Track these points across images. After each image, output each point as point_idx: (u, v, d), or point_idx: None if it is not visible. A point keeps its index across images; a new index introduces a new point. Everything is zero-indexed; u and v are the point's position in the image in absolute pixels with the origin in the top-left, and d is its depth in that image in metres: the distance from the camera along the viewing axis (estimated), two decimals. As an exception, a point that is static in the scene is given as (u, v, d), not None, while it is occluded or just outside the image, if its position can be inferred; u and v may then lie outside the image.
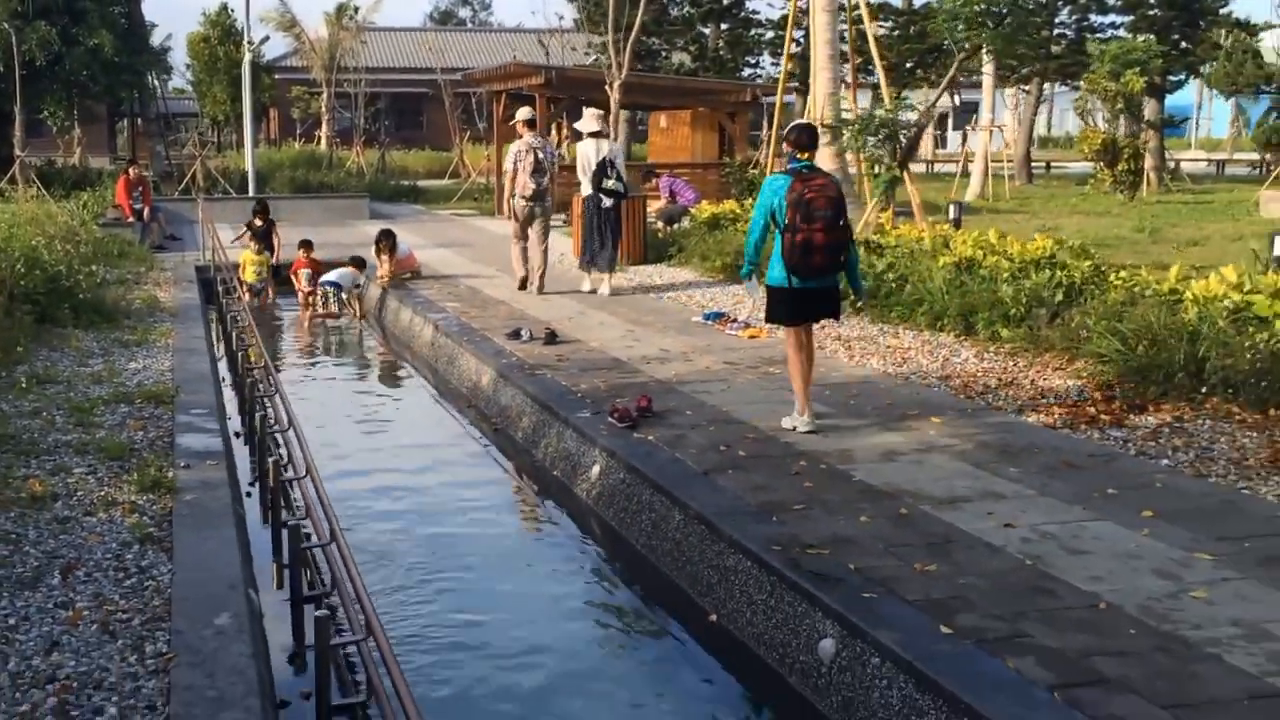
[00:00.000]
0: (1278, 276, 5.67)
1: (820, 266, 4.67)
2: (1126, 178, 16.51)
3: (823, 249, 4.62)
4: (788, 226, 4.65)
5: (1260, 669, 2.79)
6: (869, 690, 2.96)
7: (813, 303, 4.84)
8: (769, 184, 4.85)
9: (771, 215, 4.73)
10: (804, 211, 4.60)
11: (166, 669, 2.68)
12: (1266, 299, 5.46)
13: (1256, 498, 4.06)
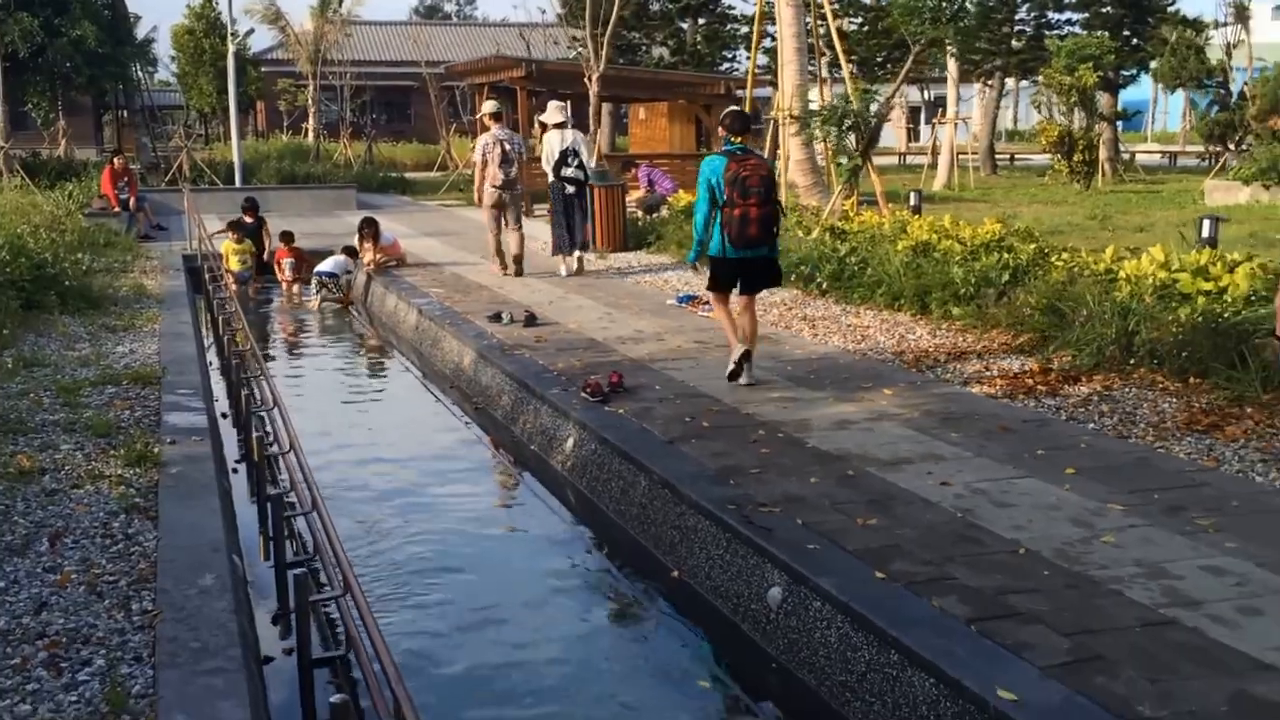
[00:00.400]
0: (1199, 256, 5.95)
1: (755, 237, 5.09)
2: (1082, 168, 16.86)
3: (757, 221, 5.05)
4: (726, 202, 5.07)
5: (1154, 601, 3.05)
6: (810, 632, 3.20)
7: (748, 271, 5.24)
8: (707, 164, 5.23)
9: (711, 194, 5.08)
10: (740, 188, 5.01)
11: (152, 625, 2.83)
12: (1189, 277, 5.74)
13: (1170, 455, 4.33)
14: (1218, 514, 3.70)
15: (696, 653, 3.48)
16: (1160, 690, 2.59)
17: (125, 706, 2.43)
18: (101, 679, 2.56)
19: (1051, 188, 18.09)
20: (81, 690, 2.52)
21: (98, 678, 2.57)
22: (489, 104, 9.26)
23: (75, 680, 2.56)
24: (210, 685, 2.54)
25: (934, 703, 2.72)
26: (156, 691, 2.51)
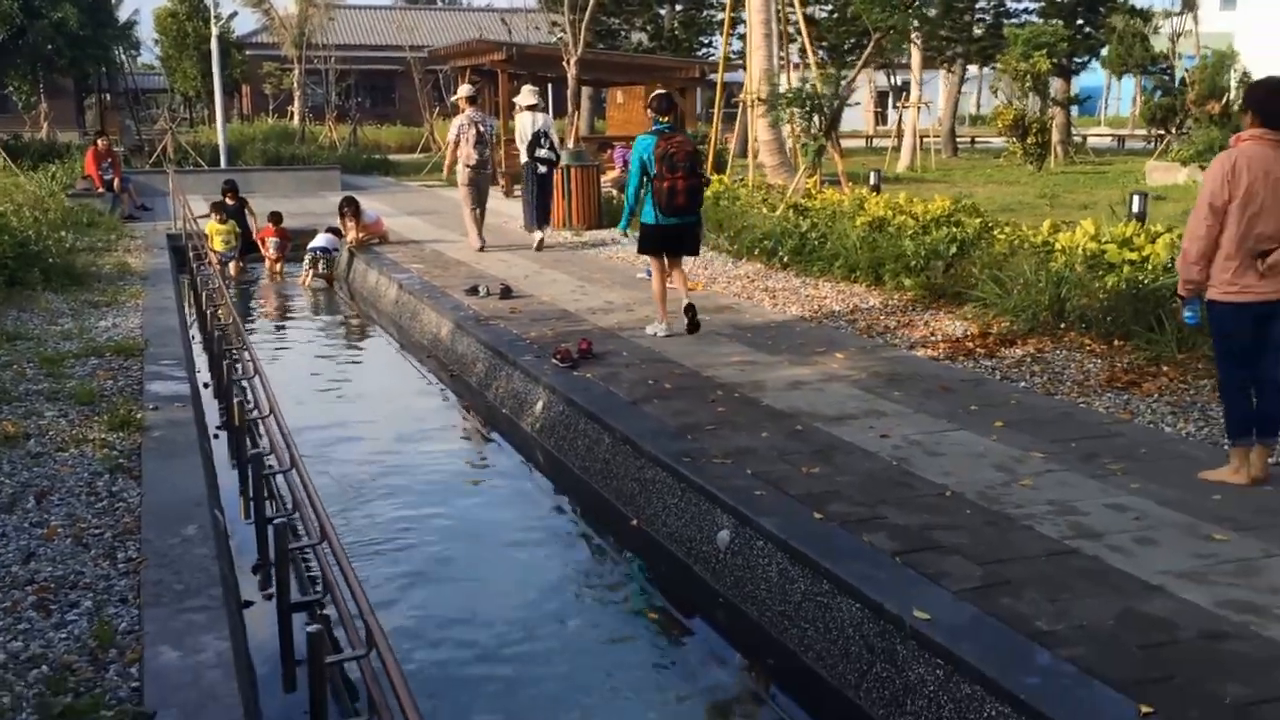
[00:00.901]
0: (1126, 229, 6.15)
1: (682, 206, 5.56)
2: (1035, 150, 17.06)
3: (683, 192, 5.52)
4: (656, 175, 5.53)
5: (1060, 534, 3.25)
6: (754, 568, 3.37)
7: (675, 237, 5.71)
8: (639, 142, 5.70)
9: (643, 168, 5.48)
10: (668, 163, 5.47)
11: (137, 571, 2.93)
12: (1116, 248, 5.93)
13: (1090, 410, 4.54)
14: (1127, 460, 3.91)
15: (653, 593, 3.65)
16: (1058, 609, 2.79)
17: (113, 641, 2.55)
18: (89, 618, 2.67)
19: (1007, 169, 18.30)
20: (70, 629, 2.63)
21: (85, 617, 2.68)
22: (464, 88, 9.53)
23: (64, 620, 2.67)
24: (193, 621, 2.65)
25: (859, 624, 2.90)
26: (142, 628, 2.62)
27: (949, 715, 2.57)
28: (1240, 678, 2.45)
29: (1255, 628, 2.69)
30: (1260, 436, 3.72)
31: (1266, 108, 3.58)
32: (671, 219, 5.56)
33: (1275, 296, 3.59)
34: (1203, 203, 3.61)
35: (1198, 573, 2.99)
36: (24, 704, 2.25)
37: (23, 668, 2.41)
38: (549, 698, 2.96)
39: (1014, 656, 2.56)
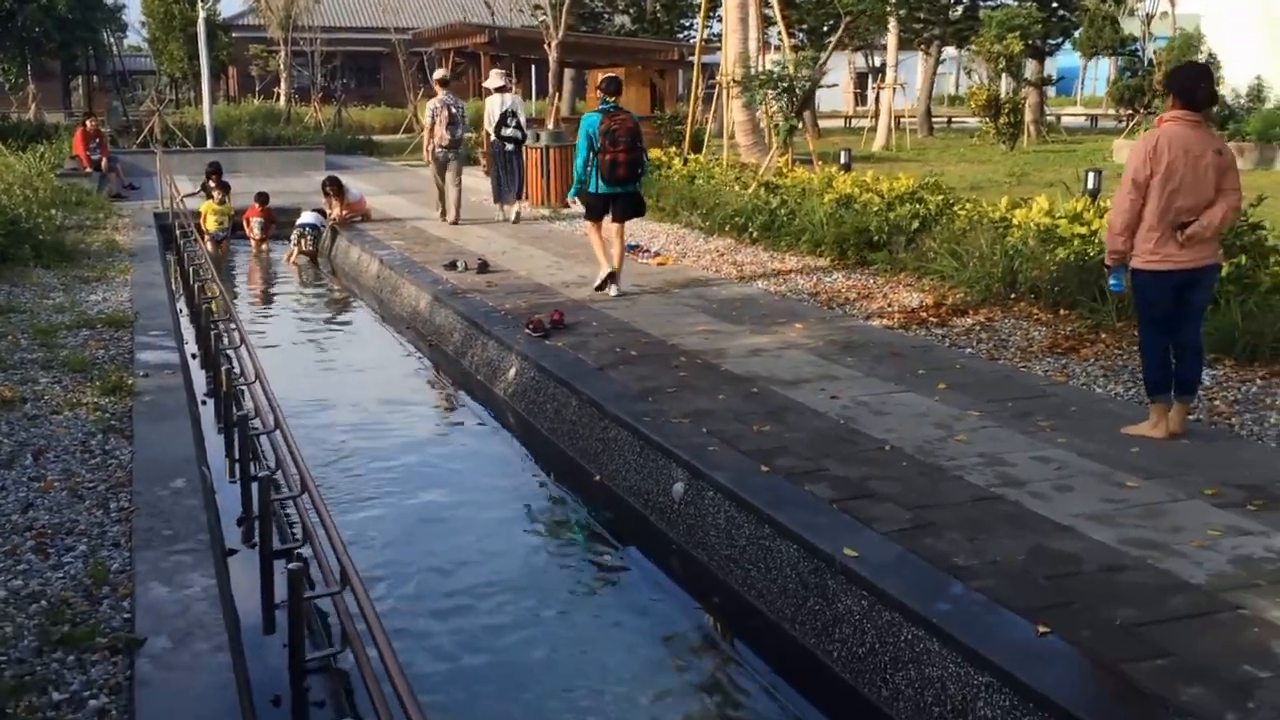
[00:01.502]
0: (1078, 204, 6.34)
1: (622, 177, 6.18)
2: (1007, 130, 17.23)
3: (624, 164, 6.14)
4: (601, 149, 6.13)
5: (987, 483, 3.46)
6: (705, 517, 3.57)
7: (619, 204, 6.30)
8: (585, 120, 6.32)
9: (589, 143, 5.94)
10: (610, 138, 6.10)
11: (129, 519, 3.10)
12: (1068, 222, 6.13)
13: (1029, 373, 4.76)
14: (1058, 418, 4.13)
15: (613, 542, 3.85)
16: (976, 547, 3.00)
17: (106, 579, 2.72)
18: (84, 560, 2.84)
19: (980, 148, 18.47)
20: (66, 569, 2.80)
21: (80, 559, 2.85)
22: (438, 72, 9.97)
23: (61, 562, 2.84)
24: (180, 562, 2.83)
25: (795, 563, 3.11)
26: (133, 568, 2.80)
27: (871, 640, 2.79)
28: (1132, 603, 2.68)
29: (1152, 561, 2.92)
30: (1178, 395, 3.95)
31: (1185, 91, 3.76)
32: (615, 188, 6.17)
33: (1194, 266, 3.81)
34: (1127, 179, 3.80)
35: (1107, 515, 3.22)
36: (25, 633, 2.43)
37: (23, 603, 2.59)
38: (505, 627, 3.16)
39: (930, 588, 2.78)
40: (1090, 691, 2.33)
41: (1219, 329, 4.99)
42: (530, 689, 2.89)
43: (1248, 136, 14.83)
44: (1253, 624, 2.57)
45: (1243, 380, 4.59)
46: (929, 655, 2.62)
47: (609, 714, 2.77)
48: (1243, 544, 3.02)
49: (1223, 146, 3.81)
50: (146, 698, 2.19)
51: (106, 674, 2.29)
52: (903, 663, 2.68)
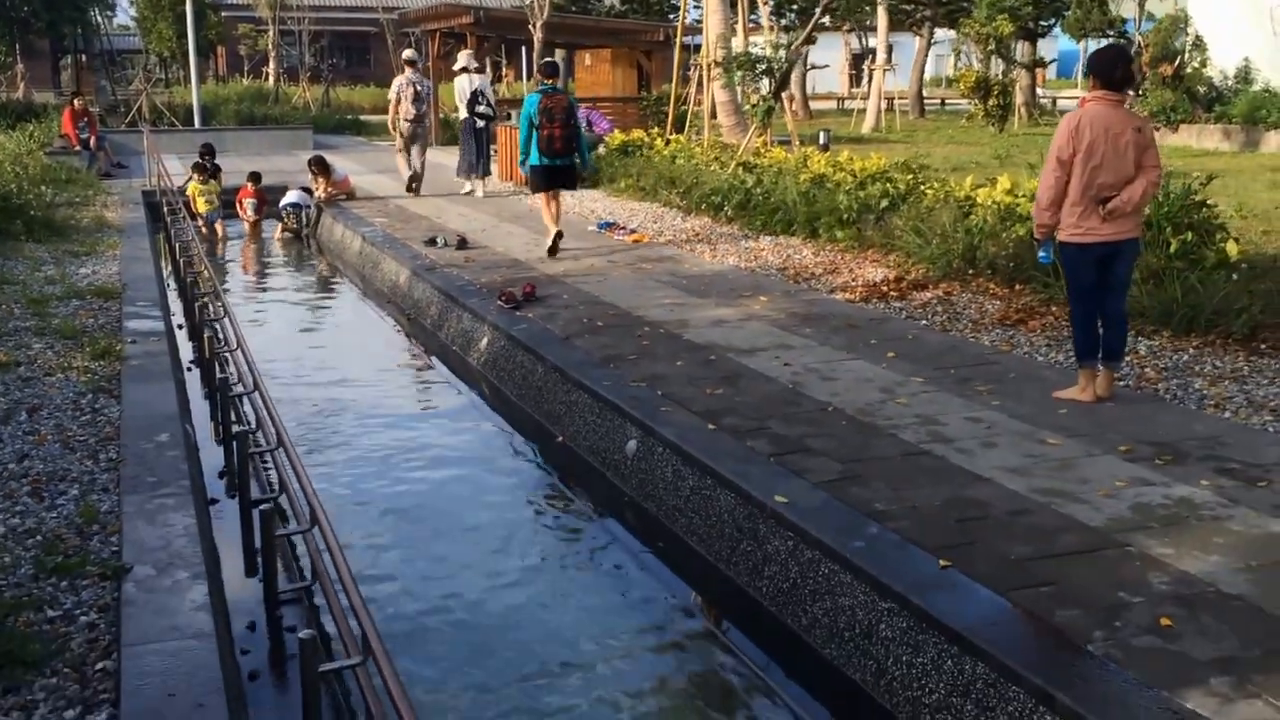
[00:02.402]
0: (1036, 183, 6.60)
1: (559, 150, 6.98)
2: (996, 112, 17.40)
3: (560, 139, 6.94)
4: (539, 126, 6.95)
5: (918, 440, 3.75)
6: (654, 472, 3.87)
7: (556, 175, 7.16)
8: (527, 101, 7.17)
9: (530, 121, 7.00)
10: (548, 116, 6.91)
11: (116, 468, 3.39)
12: (1027, 200, 6.40)
13: (976, 344, 5.04)
14: (996, 383, 4.42)
15: (572, 497, 4.15)
16: (897, 495, 3.30)
17: (96, 518, 3.01)
18: (76, 503, 3.13)
19: (970, 130, 18.64)
20: (60, 510, 3.09)
21: (73, 502, 3.14)
22: (407, 52, 10.65)
23: (55, 504, 3.13)
24: (164, 504, 3.12)
25: (732, 510, 3.41)
26: (120, 509, 3.09)
27: (794, 576, 3.09)
28: (1030, 542, 2.98)
29: (1055, 507, 3.21)
30: (1105, 361, 4.23)
31: (1104, 73, 4.02)
32: (554, 160, 7.02)
33: (1116, 238, 4.08)
34: (1052, 157, 4.06)
35: (1023, 468, 3.51)
36: (22, 562, 2.72)
37: (20, 538, 2.88)
38: (459, 564, 3.47)
39: (849, 529, 3.07)
40: (976, 614, 2.63)
41: (1160, 302, 5.28)
42: (480, 615, 3.19)
43: (1234, 119, 14.96)
44: (1135, 559, 2.87)
45: (1176, 350, 4.88)
46: (842, 587, 2.92)
47: (552, 641, 3.07)
48: (1144, 493, 3.31)
49: (1142, 125, 4.08)
50: (131, 614, 2.48)
51: (96, 596, 2.58)
52: (820, 594, 2.98)
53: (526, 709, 2.76)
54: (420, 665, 2.90)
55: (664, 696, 2.86)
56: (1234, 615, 2.56)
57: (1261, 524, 3.06)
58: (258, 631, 2.99)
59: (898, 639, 2.71)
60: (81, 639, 2.39)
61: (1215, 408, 4.09)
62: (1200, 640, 2.46)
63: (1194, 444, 3.70)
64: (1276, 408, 4.03)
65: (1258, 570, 2.79)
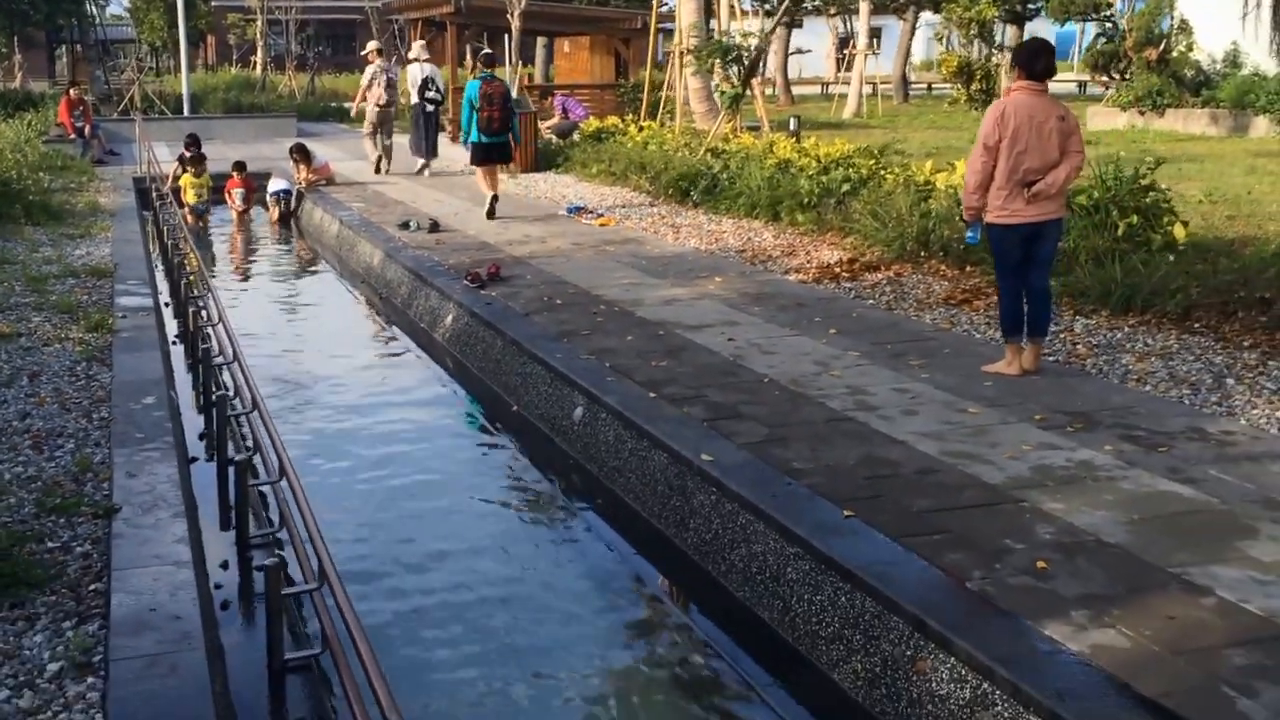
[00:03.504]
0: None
1: (496, 129, 8.24)
2: (979, 96, 17.57)
3: (497, 119, 8.19)
4: (479, 109, 8.16)
5: (843, 407, 4.01)
6: (598, 435, 4.13)
7: (493, 150, 8.40)
8: (469, 86, 8.34)
9: (471, 104, 8.18)
10: (487, 100, 8.15)
11: (108, 426, 3.69)
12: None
13: (918, 321, 5.30)
14: (929, 358, 4.67)
15: (525, 459, 4.42)
16: (815, 455, 3.56)
17: (89, 468, 3.30)
18: (72, 454, 3.43)
19: (953, 115, 18.80)
20: (58, 461, 3.39)
21: (69, 454, 3.44)
22: (372, 43, 11.60)
23: (53, 456, 3.43)
24: (149, 456, 3.41)
25: (664, 468, 3.68)
26: (111, 461, 3.38)
27: (715, 526, 3.36)
28: (930, 496, 3.24)
29: (961, 467, 3.48)
30: (1030, 336, 4.49)
31: (1026, 65, 4.26)
32: (492, 138, 8.25)
33: (1040, 219, 4.33)
34: (979, 143, 4.31)
35: (939, 433, 3.78)
36: (24, 504, 3.04)
37: (23, 483, 3.19)
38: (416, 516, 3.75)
39: (765, 484, 3.34)
40: (870, 556, 2.89)
41: (1101, 282, 5.53)
42: (425, 552, 3.47)
43: (1222, 103, 14.92)
44: (1026, 513, 3.14)
45: (1112, 328, 5.13)
46: (756, 535, 3.19)
47: (488, 576, 3.35)
48: (1048, 456, 3.58)
49: (1065, 113, 4.32)
50: (119, 545, 2.80)
51: (89, 531, 2.89)
52: (737, 543, 3.25)
53: (469, 623, 3.03)
54: (365, 582, 3.19)
55: (591, 633, 3.14)
56: (1107, 560, 2.84)
57: (1152, 484, 3.33)
58: (230, 570, 3.26)
59: (801, 580, 2.98)
60: (77, 565, 2.71)
61: (1137, 382, 4.35)
62: (1070, 580, 2.74)
63: (1107, 414, 3.96)
64: (1195, 382, 4.30)
65: (1139, 523, 3.06)
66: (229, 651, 2.75)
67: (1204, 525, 3.03)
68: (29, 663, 2.29)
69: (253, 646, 2.85)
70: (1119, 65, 17.71)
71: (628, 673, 2.96)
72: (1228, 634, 2.46)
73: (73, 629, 2.41)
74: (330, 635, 2.40)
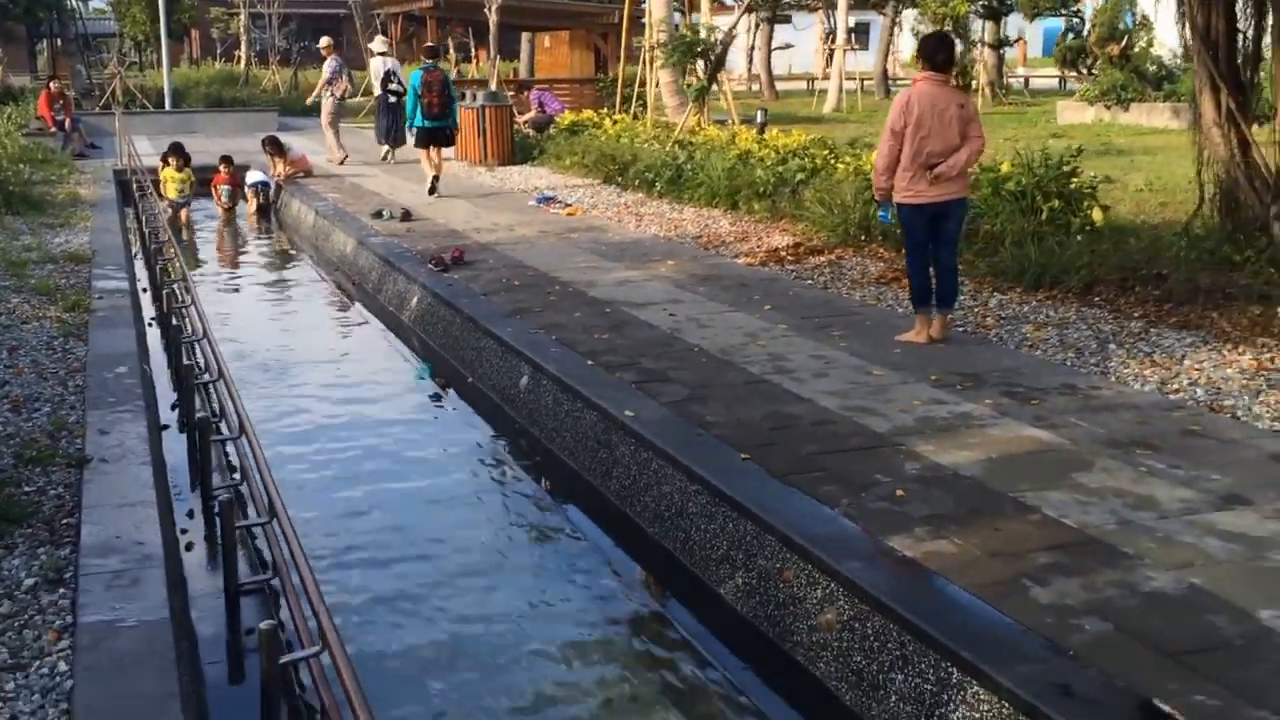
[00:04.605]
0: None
1: (436, 114, 9.39)
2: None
3: (436, 105, 9.37)
4: (421, 95, 9.35)
5: (762, 372, 4.52)
6: (540, 400, 4.64)
7: (435, 133, 9.55)
8: (412, 76, 9.59)
9: (416, 92, 9.35)
10: (428, 88, 9.35)
11: (82, 392, 4.13)
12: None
13: (849, 299, 5.82)
14: (851, 330, 5.19)
15: (479, 423, 4.93)
16: (728, 411, 4.07)
17: (65, 427, 3.76)
18: (49, 416, 3.89)
19: (931, 110, 19.34)
20: (35, 421, 3.85)
21: (46, 416, 3.89)
22: (324, 39, 12.94)
23: (31, 417, 3.88)
24: (121, 417, 3.88)
25: (594, 424, 4.19)
26: (85, 421, 3.84)
27: (635, 474, 3.87)
28: (821, 443, 3.75)
29: (856, 419, 3.99)
30: (938, 307, 5.01)
31: (929, 57, 4.78)
32: (433, 122, 9.36)
33: (943, 199, 4.84)
34: (886, 129, 4.82)
35: (843, 392, 4.29)
36: (4, 455, 3.49)
37: (3, 440, 3.64)
38: (371, 474, 4.25)
39: (678, 434, 3.84)
40: (755, 490, 3.40)
41: (1018, 262, 6.06)
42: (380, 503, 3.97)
43: (1183, 98, 15.54)
44: (903, 455, 3.65)
45: (1021, 303, 5.65)
46: (665, 477, 3.70)
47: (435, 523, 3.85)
48: (934, 409, 4.09)
49: (965, 100, 4.84)
50: (89, 488, 3.25)
51: (63, 477, 3.34)
52: (650, 486, 3.76)
53: (402, 552, 3.54)
54: (311, 520, 3.68)
55: (518, 564, 3.64)
56: (958, 489, 3.35)
57: (1017, 430, 3.85)
58: (196, 520, 3.76)
59: (699, 513, 3.49)
60: (51, 505, 3.16)
61: (1031, 348, 4.88)
62: (922, 504, 3.25)
63: (995, 374, 4.48)
64: (1081, 347, 4.82)
65: (995, 461, 3.57)
66: (194, 585, 3.24)
67: (1050, 462, 3.55)
68: (7, 580, 2.71)
69: (217, 579, 3.33)
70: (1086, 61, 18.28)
71: (548, 599, 3.46)
72: (1040, 541, 2.98)
73: (47, 554, 2.84)
74: (279, 562, 2.87)
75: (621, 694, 2.92)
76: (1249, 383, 4.30)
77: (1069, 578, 2.78)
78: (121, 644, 2.45)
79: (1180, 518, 3.13)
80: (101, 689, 2.28)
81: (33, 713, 2.22)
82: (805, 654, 2.91)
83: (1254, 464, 3.52)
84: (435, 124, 9.28)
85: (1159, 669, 2.38)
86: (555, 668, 3.02)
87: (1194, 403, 4.12)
